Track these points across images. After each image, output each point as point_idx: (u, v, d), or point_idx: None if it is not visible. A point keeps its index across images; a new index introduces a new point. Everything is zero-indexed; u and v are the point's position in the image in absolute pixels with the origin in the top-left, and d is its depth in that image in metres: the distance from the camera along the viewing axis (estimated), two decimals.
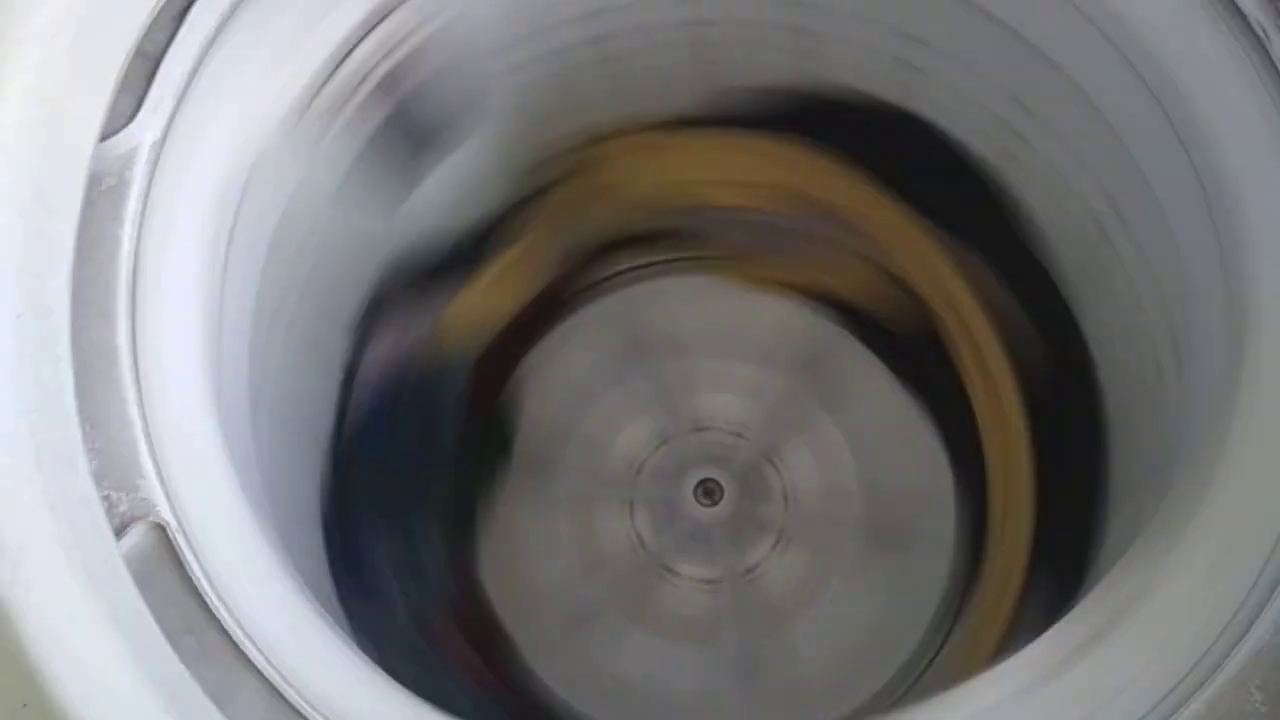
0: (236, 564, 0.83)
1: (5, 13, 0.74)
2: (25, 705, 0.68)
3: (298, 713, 0.80)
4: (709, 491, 1.43)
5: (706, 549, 1.43)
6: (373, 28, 1.01)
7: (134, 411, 0.82)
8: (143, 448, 0.81)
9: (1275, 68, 0.85)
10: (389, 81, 1.07)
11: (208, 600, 0.80)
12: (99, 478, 0.79)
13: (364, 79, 1.05)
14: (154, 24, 0.82)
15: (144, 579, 0.77)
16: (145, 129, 0.85)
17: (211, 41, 0.88)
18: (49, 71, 0.75)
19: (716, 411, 1.46)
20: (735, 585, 1.42)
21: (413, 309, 1.34)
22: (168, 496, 0.81)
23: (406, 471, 1.36)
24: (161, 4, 0.82)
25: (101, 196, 0.83)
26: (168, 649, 0.74)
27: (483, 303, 1.40)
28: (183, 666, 0.75)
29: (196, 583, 0.81)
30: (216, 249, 0.88)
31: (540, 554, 1.44)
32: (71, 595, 0.69)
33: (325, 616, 0.87)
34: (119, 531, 0.78)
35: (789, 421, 1.45)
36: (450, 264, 1.37)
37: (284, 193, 1.00)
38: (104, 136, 0.81)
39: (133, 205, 0.84)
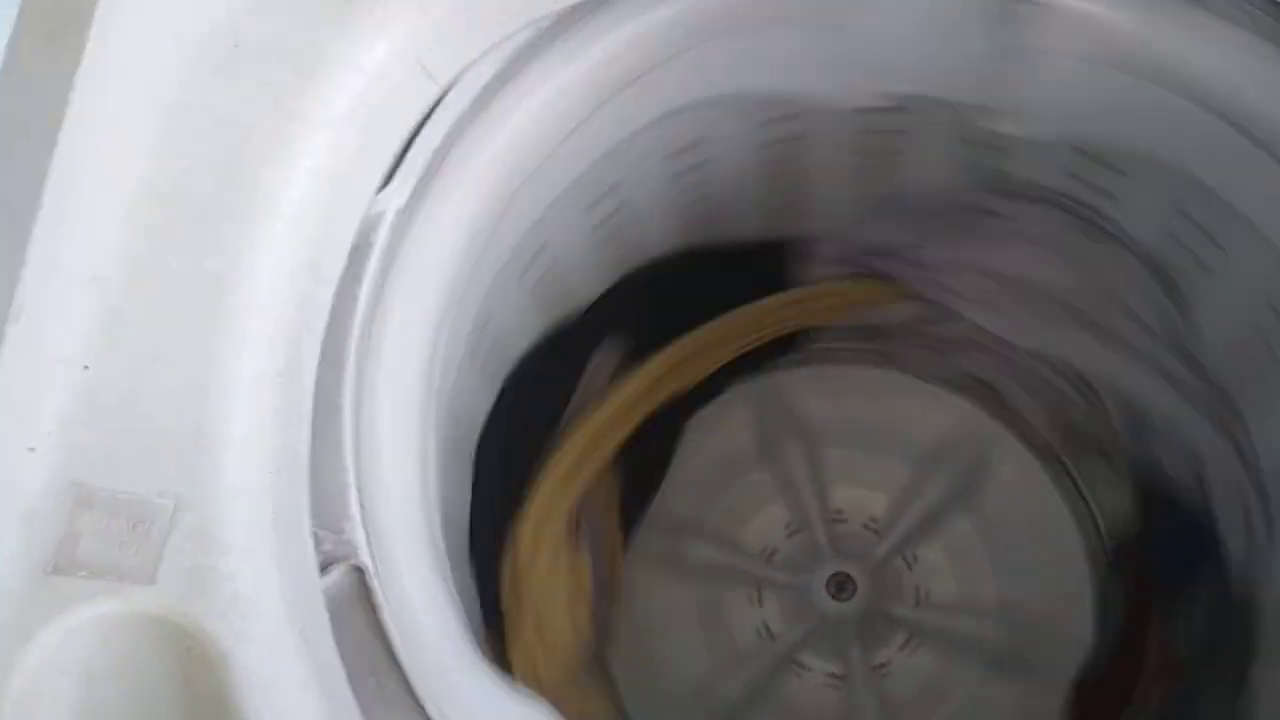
0: (421, 612, 0.88)
1: (308, 95, 0.79)
2: None
3: None
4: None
5: None
6: None
7: (349, 458, 0.85)
8: (352, 494, 0.85)
9: None
10: None
11: (393, 645, 0.83)
12: (311, 516, 0.82)
13: None
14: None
15: (338, 618, 0.81)
16: (393, 197, 0.89)
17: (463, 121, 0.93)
18: (338, 154, 0.80)
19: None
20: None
21: None
22: (369, 542, 0.85)
23: None
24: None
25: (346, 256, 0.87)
26: (355, 709, 0.78)
27: None
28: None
29: (385, 627, 0.84)
30: (446, 306, 0.93)
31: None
32: (285, 653, 0.74)
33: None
34: (322, 569, 0.82)
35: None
36: None
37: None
38: None
39: (373, 265, 0.88)
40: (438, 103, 0.90)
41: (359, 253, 0.87)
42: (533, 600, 1.26)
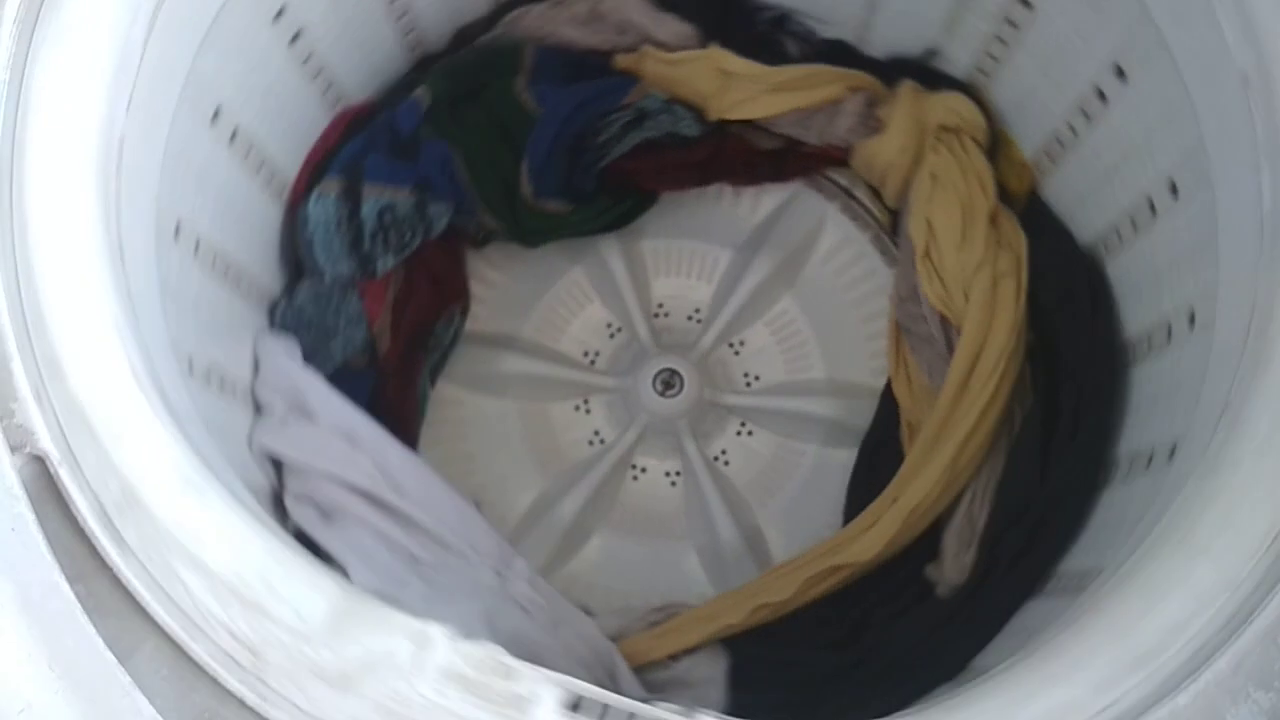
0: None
1: None
2: None
3: (203, 671, 0.71)
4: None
5: None
6: None
7: (5, 323, 0.73)
8: (16, 366, 0.72)
9: None
10: None
11: (95, 543, 0.71)
12: None
13: None
14: None
15: (42, 514, 0.71)
16: None
17: None
18: None
19: None
20: None
21: None
22: (48, 424, 0.72)
23: None
24: None
25: None
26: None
27: None
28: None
29: (82, 523, 0.71)
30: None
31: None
32: None
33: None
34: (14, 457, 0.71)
35: None
36: None
37: None
38: None
39: None
40: None
41: None
42: None
